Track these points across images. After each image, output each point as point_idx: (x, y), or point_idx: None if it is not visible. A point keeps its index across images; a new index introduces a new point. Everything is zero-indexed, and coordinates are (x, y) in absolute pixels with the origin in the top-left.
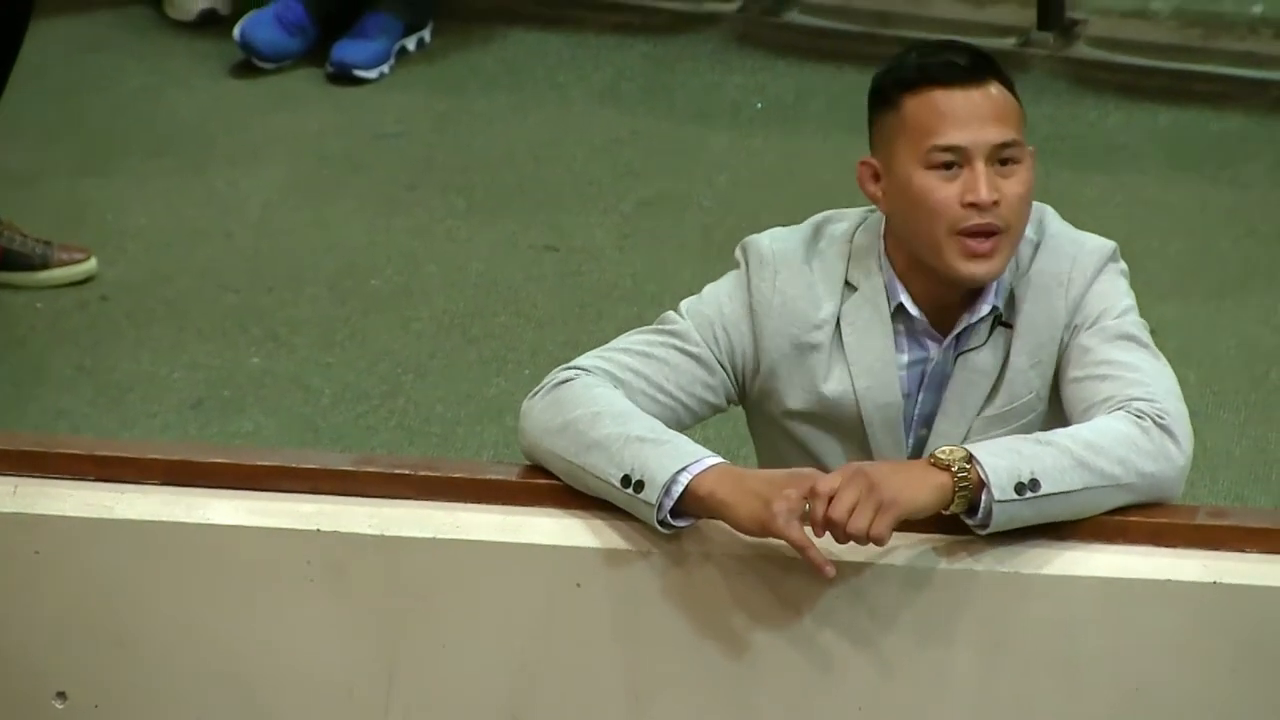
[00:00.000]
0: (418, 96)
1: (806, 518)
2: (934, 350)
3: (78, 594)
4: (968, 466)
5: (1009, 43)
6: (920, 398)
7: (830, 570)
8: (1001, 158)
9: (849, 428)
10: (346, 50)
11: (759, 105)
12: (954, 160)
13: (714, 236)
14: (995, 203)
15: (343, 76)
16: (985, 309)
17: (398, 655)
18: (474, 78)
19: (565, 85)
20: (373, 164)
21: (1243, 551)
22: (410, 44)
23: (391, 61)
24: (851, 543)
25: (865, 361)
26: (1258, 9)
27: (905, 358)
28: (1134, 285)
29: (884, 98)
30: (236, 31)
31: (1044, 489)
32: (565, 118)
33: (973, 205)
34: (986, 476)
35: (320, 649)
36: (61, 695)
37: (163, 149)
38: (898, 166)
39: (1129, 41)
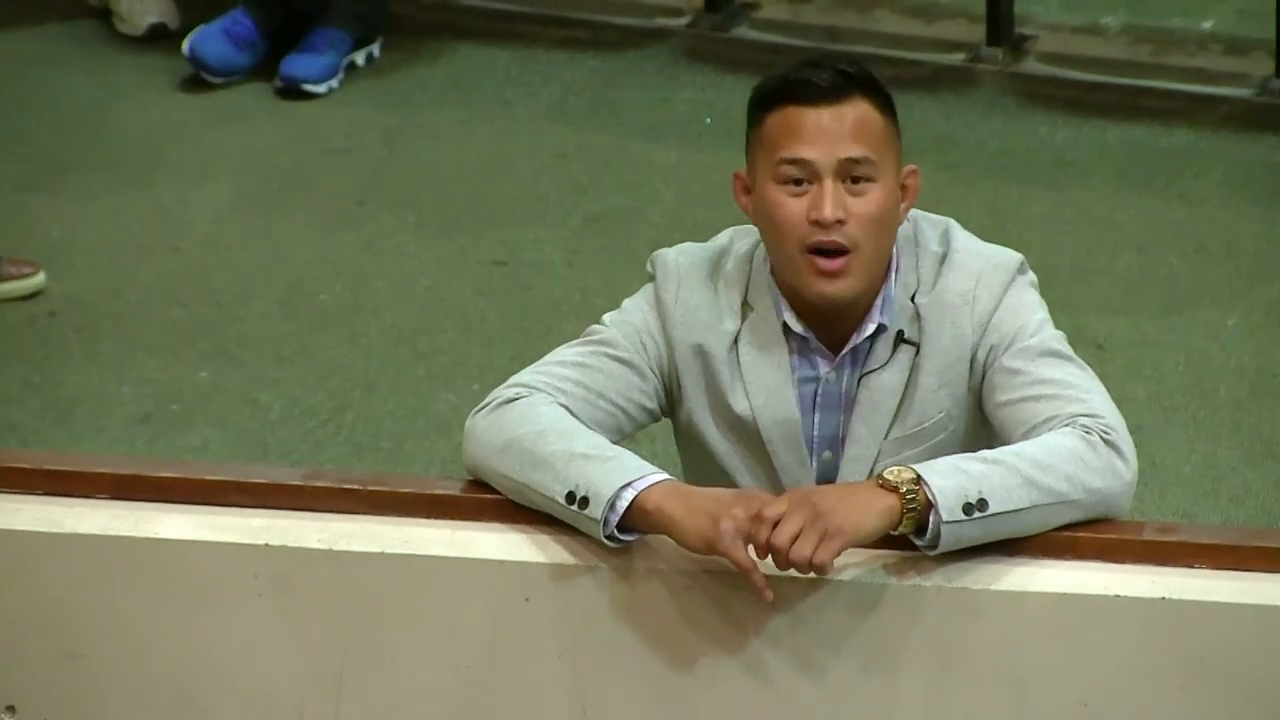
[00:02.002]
0: (366, 111)
1: (748, 537)
2: (824, 369)
3: (27, 608)
4: (915, 488)
5: (958, 58)
6: (816, 418)
7: (769, 595)
8: (853, 175)
9: (754, 446)
10: (295, 65)
11: (708, 120)
12: (802, 176)
13: None
14: (840, 221)
15: (291, 91)
16: (870, 328)
17: (347, 669)
18: (423, 93)
19: (513, 101)
20: (321, 179)
21: (1191, 567)
22: (359, 59)
23: (340, 76)
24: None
25: (761, 379)
26: (1207, 25)
27: (797, 375)
28: (1083, 301)
29: (751, 114)
30: (185, 46)
31: (992, 508)
32: (514, 133)
33: (815, 223)
34: (934, 497)
35: (269, 663)
36: (10, 709)
37: (111, 164)
38: (757, 181)
39: (1078, 57)
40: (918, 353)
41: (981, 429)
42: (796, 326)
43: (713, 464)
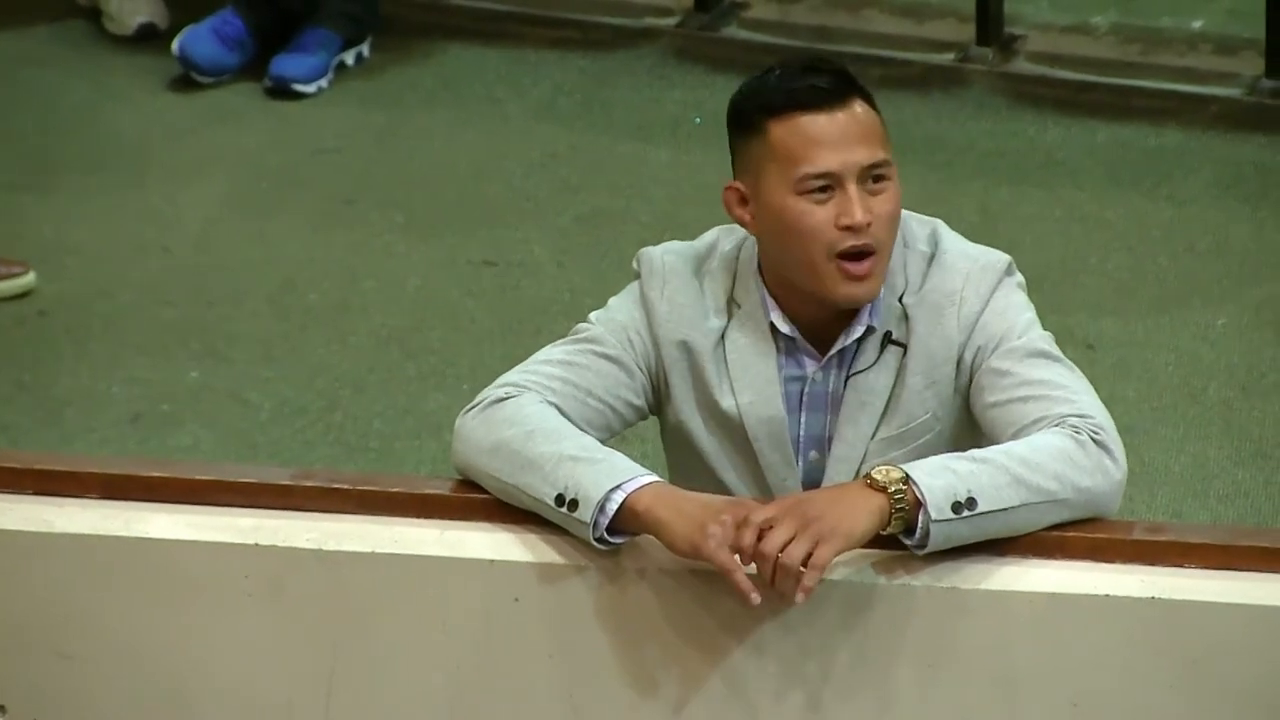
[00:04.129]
0: (356, 111)
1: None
2: (811, 369)
3: (17, 608)
4: (904, 487)
5: (948, 58)
6: (803, 417)
7: (756, 598)
8: (872, 175)
9: (740, 444)
10: (285, 65)
11: (697, 120)
12: (827, 184)
13: None
14: (868, 224)
15: (281, 91)
16: (859, 330)
17: (336, 669)
18: (412, 93)
19: (503, 100)
20: (311, 179)
21: (1181, 567)
22: (349, 59)
23: (330, 76)
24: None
25: (747, 377)
26: (1197, 25)
27: (783, 375)
28: (1072, 301)
29: (748, 123)
30: (175, 46)
31: (981, 507)
32: (503, 133)
33: (848, 228)
34: (923, 496)
35: (259, 663)
36: (1, 709)
37: (101, 164)
38: (767, 193)
39: (1068, 57)
40: (905, 353)
41: (967, 429)
42: (784, 327)
43: (699, 463)
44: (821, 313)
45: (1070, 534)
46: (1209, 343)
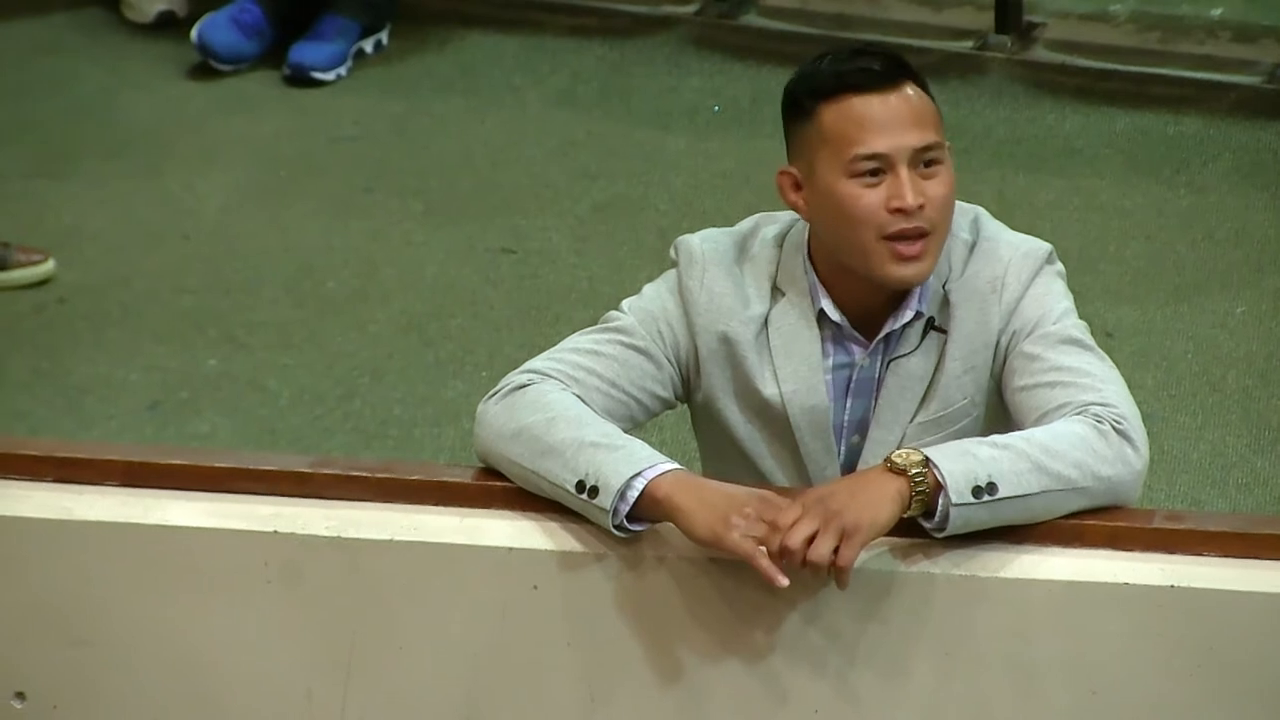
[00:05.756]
0: (375, 99)
1: (762, 540)
2: (859, 355)
3: (36, 595)
4: (924, 470)
5: (967, 46)
6: (849, 403)
7: (783, 580)
8: (924, 160)
9: (780, 431)
10: (303, 52)
11: (716, 108)
12: (878, 167)
13: (670, 239)
14: (921, 206)
15: (300, 79)
16: (909, 314)
17: (354, 656)
18: (431, 80)
19: (522, 88)
20: (329, 167)
21: (1200, 555)
22: (367, 46)
23: (349, 64)
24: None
25: (791, 365)
26: (1216, 12)
27: (830, 362)
28: (1091, 289)
29: (800, 108)
30: (194, 34)
31: (1001, 492)
32: (522, 121)
33: (899, 211)
34: (943, 480)
35: (278, 650)
36: (20, 695)
37: (119, 151)
38: (819, 176)
39: (1087, 45)
40: (946, 339)
41: (1002, 416)
42: (834, 315)
43: (734, 449)
44: (872, 298)
45: (1089, 522)
46: (1228, 330)
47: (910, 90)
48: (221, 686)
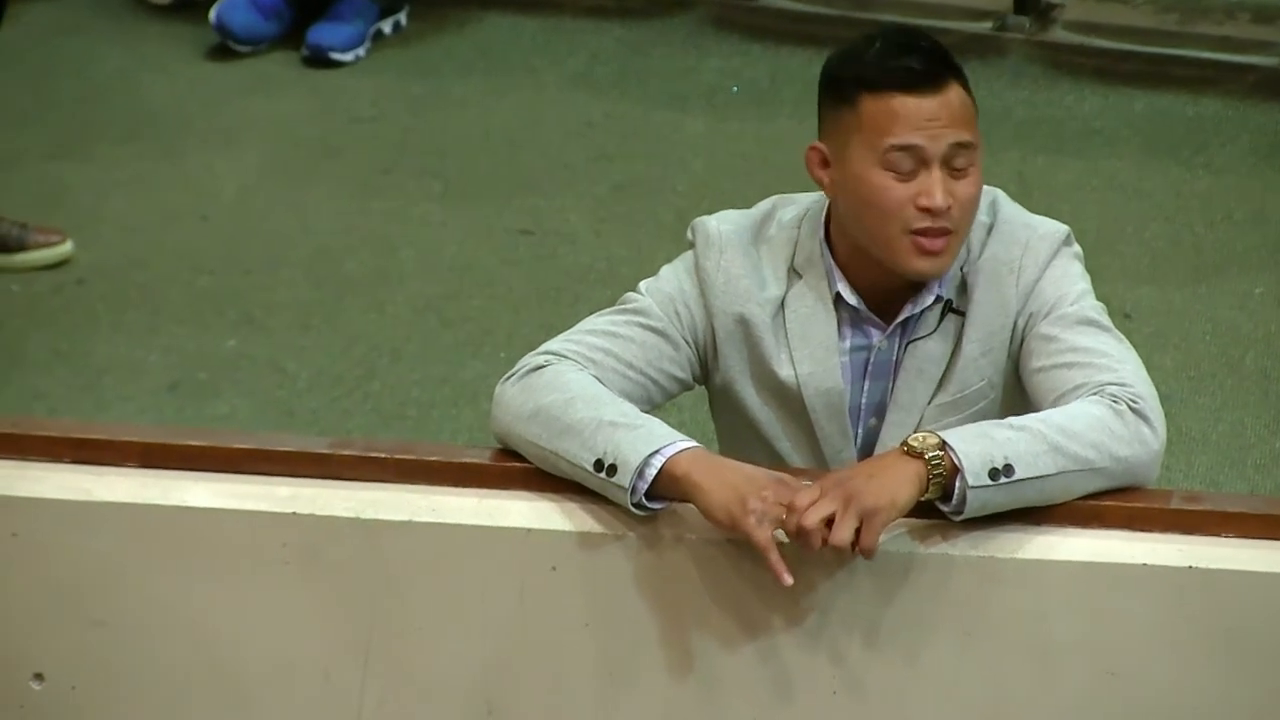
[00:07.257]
0: (393, 80)
1: (779, 523)
2: (877, 338)
3: (55, 576)
4: (940, 453)
5: (985, 26)
6: (866, 386)
7: (788, 579)
8: (957, 161)
9: (796, 413)
10: (322, 33)
11: (734, 89)
12: (910, 162)
13: (688, 220)
14: (949, 208)
15: (318, 60)
16: (929, 299)
17: (373, 638)
18: (449, 61)
19: (540, 69)
20: (348, 148)
21: (1219, 536)
22: (386, 27)
23: (367, 45)
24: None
25: (807, 348)
26: None
27: (847, 344)
28: (1110, 270)
29: (840, 90)
30: (212, 15)
31: (1018, 474)
32: (540, 102)
33: (927, 210)
34: (960, 462)
35: (296, 631)
36: (39, 676)
37: (138, 132)
38: (851, 161)
39: (1106, 26)
40: (963, 321)
41: (1020, 397)
42: (851, 298)
43: (751, 431)
44: (889, 281)
45: (1107, 503)
46: (1246, 312)
47: (953, 93)
48: (240, 667)
